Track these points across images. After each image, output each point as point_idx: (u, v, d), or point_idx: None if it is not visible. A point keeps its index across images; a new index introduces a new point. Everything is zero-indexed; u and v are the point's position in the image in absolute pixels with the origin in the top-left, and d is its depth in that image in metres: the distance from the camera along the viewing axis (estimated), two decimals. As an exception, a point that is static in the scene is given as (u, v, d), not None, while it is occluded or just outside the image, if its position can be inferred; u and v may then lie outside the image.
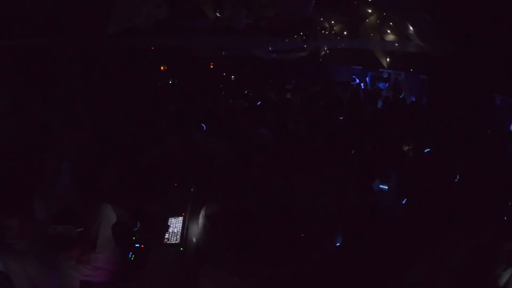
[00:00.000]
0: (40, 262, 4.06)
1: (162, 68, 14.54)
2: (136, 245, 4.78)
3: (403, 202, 5.62)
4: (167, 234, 4.68)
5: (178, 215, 4.92)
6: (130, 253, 4.70)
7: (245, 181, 4.81)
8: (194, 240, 4.62)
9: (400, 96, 12.80)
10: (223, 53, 16.51)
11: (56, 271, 4.15)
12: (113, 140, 6.90)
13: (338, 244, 4.75)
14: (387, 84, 16.07)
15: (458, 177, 5.83)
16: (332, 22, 17.01)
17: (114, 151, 6.28)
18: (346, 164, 5.61)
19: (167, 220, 4.86)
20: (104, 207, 4.27)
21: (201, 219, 4.47)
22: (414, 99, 12.41)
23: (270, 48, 15.80)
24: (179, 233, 4.66)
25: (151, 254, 4.46)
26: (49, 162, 4.93)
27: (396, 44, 13.61)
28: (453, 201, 4.61)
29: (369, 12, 14.78)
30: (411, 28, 9.38)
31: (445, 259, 4.01)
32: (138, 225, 4.85)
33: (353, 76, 18.19)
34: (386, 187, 5.78)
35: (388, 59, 15.49)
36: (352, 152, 6.45)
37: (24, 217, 3.88)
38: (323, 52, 18.90)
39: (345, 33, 16.67)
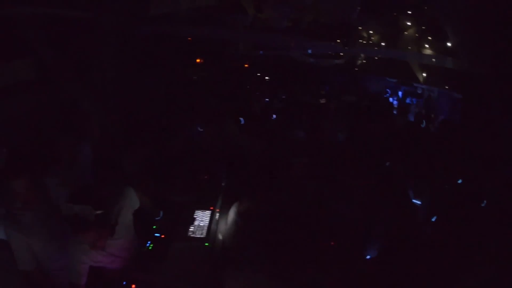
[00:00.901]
0: (46, 239, 3.85)
1: (198, 60, 14.28)
2: (156, 234, 4.45)
3: (433, 219, 5.23)
4: (192, 227, 4.34)
5: (205, 209, 4.60)
6: (149, 242, 4.35)
7: (282, 181, 4.48)
8: (222, 236, 4.26)
9: (431, 115, 12.42)
10: (261, 52, 16.29)
11: (63, 251, 3.88)
12: (141, 125, 6.59)
13: (368, 256, 4.44)
14: (420, 100, 15.68)
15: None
16: (371, 32, 16.70)
17: (142, 136, 5.97)
18: (381, 175, 5.37)
19: (193, 213, 4.55)
20: (127, 191, 3.98)
21: (232, 216, 4.10)
22: (443, 118, 12.03)
23: (309, 51, 15.48)
24: (205, 228, 4.31)
25: (173, 246, 4.12)
26: (69, 141, 4.65)
27: (433, 59, 13.24)
28: (481, 225, 4.39)
29: (408, 25, 14.45)
30: (449, 42, 9.07)
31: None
32: (161, 214, 4.56)
33: (387, 89, 17.80)
34: (419, 202, 5.54)
35: (423, 74, 15.11)
36: (387, 164, 6.17)
37: (31, 182, 3.62)
38: (359, 62, 18.57)
39: (382, 44, 16.34)
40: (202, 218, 4.48)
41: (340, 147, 6.53)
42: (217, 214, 4.50)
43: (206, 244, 4.11)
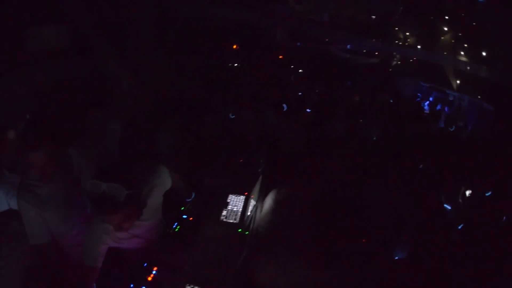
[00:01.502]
0: (62, 214, 3.61)
1: (234, 46, 14.13)
2: (184, 216, 4.28)
3: (459, 227, 5.24)
4: (225, 211, 4.16)
5: (240, 194, 4.41)
6: (175, 224, 4.18)
7: (320, 172, 4.33)
8: (257, 223, 4.08)
9: (461, 123, 12.23)
10: (298, 44, 16.10)
11: (81, 228, 3.71)
12: (176, 105, 6.46)
13: (396, 257, 4.34)
14: (451, 107, 15.43)
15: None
16: (407, 33, 16.45)
17: (176, 115, 5.85)
18: (414, 176, 5.28)
19: (227, 197, 4.37)
20: (161, 170, 3.67)
21: (269, 203, 3.92)
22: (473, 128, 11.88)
23: (348, 47, 15.28)
24: (239, 213, 4.12)
25: (202, 229, 3.93)
26: (97, 114, 4.48)
27: (468, 67, 13.00)
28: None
29: (445, 30, 14.22)
30: (485, 52, 8.87)
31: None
32: (193, 196, 4.35)
33: (418, 94, 17.52)
34: (449, 207, 5.53)
35: (457, 81, 14.85)
36: (420, 166, 6.13)
37: (51, 155, 3.35)
38: (394, 62, 18.32)
39: (418, 46, 16.10)
40: (236, 203, 4.28)
41: (375, 145, 6.34)
42: (252, 200, 4.29)
43: (239, 230, 3.91)
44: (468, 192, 5.93)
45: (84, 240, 3.25)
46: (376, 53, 16.69)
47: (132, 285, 3.43)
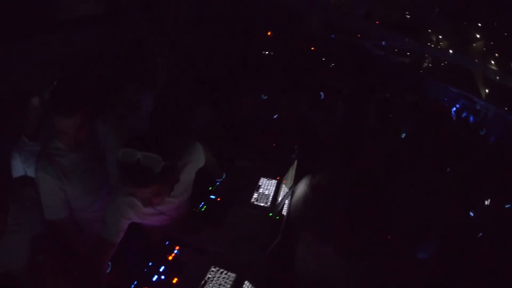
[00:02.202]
0: (84, 187, 3.38)
1: (269, 33, 13.92)
2: (211, 196, 4.11)
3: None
4: (256, 194, 4.03)
5: (271, 178, 4.27)
6: (202, 204, 4.02)
7: (354, 162, 4.18)
8: (289, 209, 3.87)
9: (482, 133, 11.98)
10: (332, 36, 15.85)
11: (102, 202, 3.51)
12: (211, 84, 6.28)
13: (419, 256, 4.26)
14: (477, 117, 15.14)
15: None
16: (440, 36, 16.17)
17: (212, 94, 5.69)
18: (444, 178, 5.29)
19: (258, 180, 4.24)
20: (197, 146, 3.43)
21: (302, 189, 3.75)
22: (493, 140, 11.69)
23: (383, 43, 15.03)
24: (270, 197, 3.98)
25: (231, 211, 3.80)
26: (131, 85, 4.25)
27: (497, 77, 12.73)
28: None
29: (477, 37, 13.96)
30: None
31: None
32: (223, 176, 4.16)
33: (446, 99, 17.21)
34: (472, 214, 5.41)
35: (486, 90, 14.56)
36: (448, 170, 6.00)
37: (82, 122, 3.07)
38: (424, 64, 18.02)
39: (450, 51, 15.83)
40: (267, 186, 4.15)
41: (406, 143, 6.21)
42: (284, 186, 4.13)
43: (270, 214, 3.76)
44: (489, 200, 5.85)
45: (106, 213, 3.03)
46: (408, 54, 16.39)
47: (150, 264, 3.23)
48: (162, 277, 3.08)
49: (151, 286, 3.01)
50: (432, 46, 16.57)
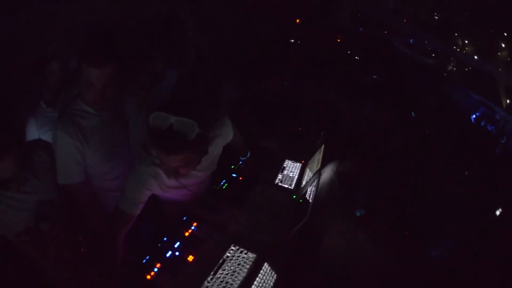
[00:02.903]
0: (105, 151, 3.14)
1: (298, 20, 13.74)
2: (234, 175, 3.91)
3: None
4: (280, 176, 3.86)
5: (296, 161, 4.11)
6: (223, 181, 3.81)
7: (382, 152, 4.00)
8: (314, 193, 3.67)
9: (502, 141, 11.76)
10: (361, 29, 15.57)
11: (122, 170, 3.32)
12: (240, 65, 6.12)
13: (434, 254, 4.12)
14: (493, 127, 14.88)
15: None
16: (466, 41, 15.90)
17: (240, 74, 5.49)
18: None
19: (283, 162, 4.07)
20: (226, 121, 3.19)
21: (328, 174, 3.64)
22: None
23: (411, 41, 14.78)
24: (295, 179, 3.81)
25: (254, 190, 3.62)
26: (159, 57, 4.02)
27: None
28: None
29: (502, 46, 13.71)
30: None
31: None
32: (248, 155, 3.93)
33: (467, 104, 16.96)
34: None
35: (507, 100, 14.28)
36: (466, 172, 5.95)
37: (113, 76, 2.83)
38: (449, 68, 17.76)
39: (475, 57, 15.55)
40: (291, 169, 3.99)
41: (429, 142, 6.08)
42: (308, 170, 3.94)
43: (294, 196, 3.57)
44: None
45: (126, 183, 2.80)
46: (433, 55, 16.13)
47: (165, 239, 3.03)
48: (177, 253, 2.89)
49: (164, 263, 2.81)
50: (458, 50, 16.32)
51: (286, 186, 3.73)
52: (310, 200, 3.30)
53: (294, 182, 3.77)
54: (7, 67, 3.72)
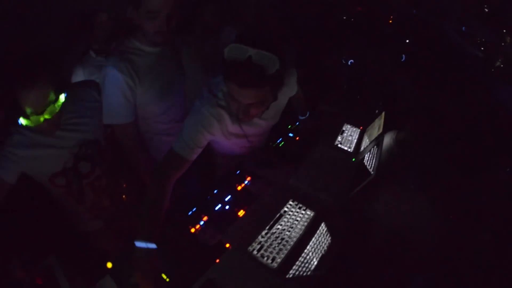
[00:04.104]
0: (160, 91, 2.95)
1: (359, 8, 13.35)
2: (290, 134, 3.74)
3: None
4: (339, 137, 3.66)
5: (355, 126, 3.93)
6: (280, 139, 3.63)
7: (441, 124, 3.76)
8: (373, 160, 3.49)
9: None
10: (414, 11, 15.09)
11: (176, 113, 3.16)
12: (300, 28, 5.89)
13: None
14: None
15: None
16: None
17: (299, 36, 5.36)
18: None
19: (342, 125, 3.88)
20: (294, 72, 2.95)
21: (387, 142, 3.46)
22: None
23: (463, 29, 14.23)
24: (354, 143, 3.62)
25: (313, 149, 3.44)
26: (210, 5, 3.84)
27: None
28: None
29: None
30: None
31: None
32: (307, 115, 3.75)
33: (510, 104, 16.29)
34: None
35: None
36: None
37: (173, 4, 2.62)
38: (497, 63, 17.10)
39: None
40: (350, 133, 3.80)
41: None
42: (366, 136, 3.72)
43: (353, 159, 3.37)
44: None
45: (186, 123, 2.54)
46: (483, 48, 15.50)
47: (216, 191, 2.85)
48: (227, 207, 2.72)
49: (212, 216, 2.63)
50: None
51: (345, 148, 3.54)
52: (370, 164, 3.05)
53: (353, 145, 3.59)
54: (56, 16, 3.67)
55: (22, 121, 2.18)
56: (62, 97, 2.31)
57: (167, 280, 2.12)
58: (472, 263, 2.88)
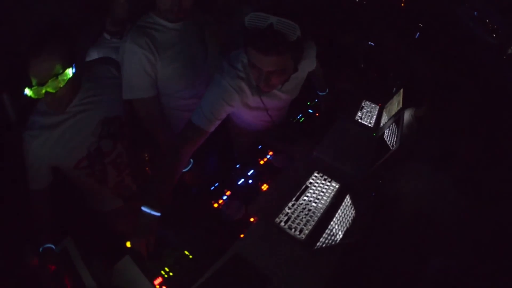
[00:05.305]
0: (181, 65, 2.79)
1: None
2: (310, 110, 3.66)
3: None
4: (360, 113, 3.60)
5: (374, 102, 3.86)
6: (300, 115, 3.55)
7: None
8: (394, 135, 3.40)
9: None
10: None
11: (197, 89, 2.98)
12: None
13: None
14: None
15: None
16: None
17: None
18: None
19: (361, 102, 3.80)
20: (313, 45, 2.75)
21: (407, 118, 3.40)
22: None
23: (475, 13, 13.89)
24: (374, 118, 3.56)
25: (334, 124, 3.37)
26: None
27: None
28: None
29: None
30: None
31: None
32: (326, 91, 3.62)
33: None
34: None
35: None
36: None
37: None
38: (509, 51, 16.73)
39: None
40: (369, 109, 3.74)
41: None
42: (385, 113, 3.65)
43: (374, 134, 3.31)
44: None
45: (206, 95, 2.42)
46: (494, 35, 15.09)
47: (238, 166, 2.79)
48: (250, 181, 2.64)
49: (234, 190, 2.55)
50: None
51: (365, 123, 3.47)
52: (390, 140, 2.97)
53: (373, 121, 3.52)
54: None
55: (27, 91, 2.08)
56: (69, 72, 2.16)
57: (190, 257, 2.05)
58: (491, 251, 2.81)
